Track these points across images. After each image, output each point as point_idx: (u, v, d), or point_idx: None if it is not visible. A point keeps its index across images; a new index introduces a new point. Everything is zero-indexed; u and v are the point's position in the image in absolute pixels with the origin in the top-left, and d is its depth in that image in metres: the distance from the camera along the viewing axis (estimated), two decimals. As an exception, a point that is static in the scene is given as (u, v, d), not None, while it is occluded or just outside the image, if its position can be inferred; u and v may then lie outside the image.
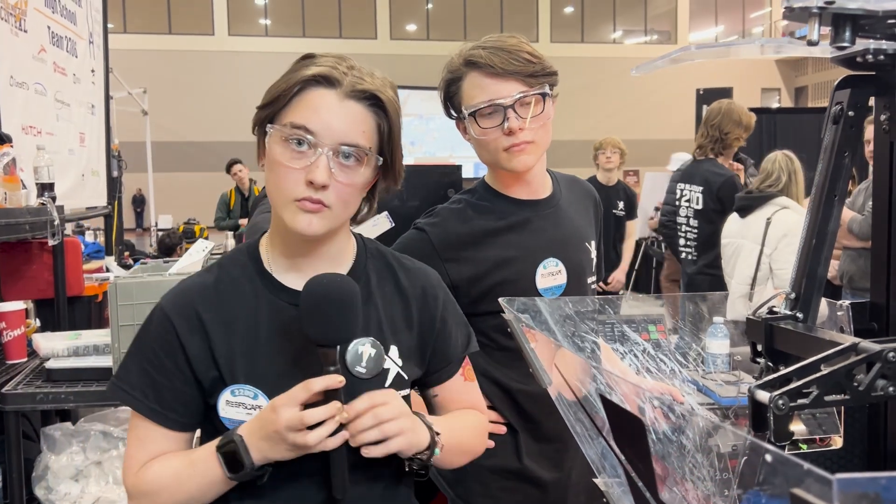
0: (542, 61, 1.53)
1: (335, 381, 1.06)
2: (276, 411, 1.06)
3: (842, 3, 0.67)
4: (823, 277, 0.93)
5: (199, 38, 20.31)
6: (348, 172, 1.12)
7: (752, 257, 3.72)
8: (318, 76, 1.12)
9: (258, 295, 1.18)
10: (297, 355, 1.14)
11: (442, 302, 1.30)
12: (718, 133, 4.18)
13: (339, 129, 1.11)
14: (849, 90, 0.92)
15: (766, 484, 0.47)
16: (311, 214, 1.11)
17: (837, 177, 0.92)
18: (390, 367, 1.21)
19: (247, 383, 1.14)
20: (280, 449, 1.07)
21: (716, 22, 23.92)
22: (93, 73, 4.52)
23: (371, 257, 1.28)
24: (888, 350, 0.72)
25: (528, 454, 1.61)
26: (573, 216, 1.69)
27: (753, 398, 0.73)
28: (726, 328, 2.47)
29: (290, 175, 1.11)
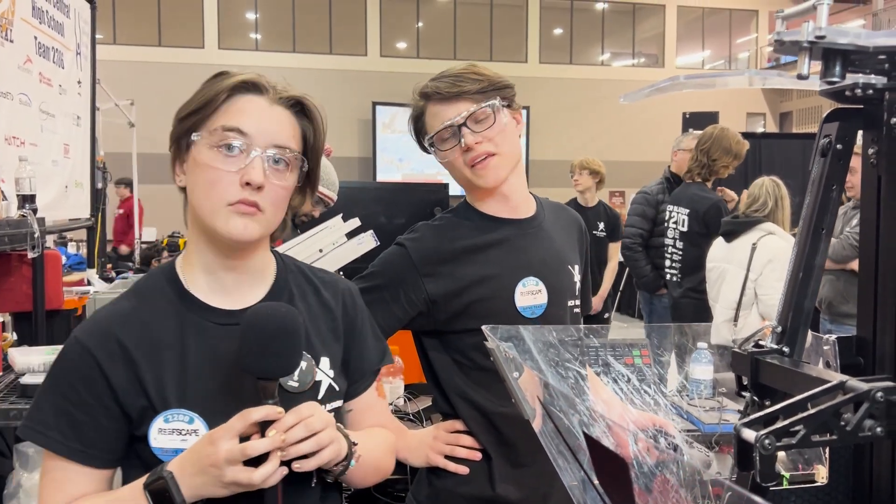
0: (490, 77, 1.57)
1: (275, 412, 1.03)
2: (213, 444, 1.02)
3: (832, 38, 0.66)
4: (810, 311, 0.92)
5: (188, 50, 20.26)
6: (280, 175, 1.13)
7: (736, 282, 3.73)
8: (245, 83, 1.13)
9: (181, 317, 1.16)
10: (228, 376, 1.12)
11: (360, 311, 1.31)
12: (706, 159, 4.20)
13: (270, 130, 1.12)
14: (837, 123, 0.92)
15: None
16: (247, 218, 1.10)
17: (825, 210, 0.92)
18: (322, 378, 1.20)
19: (181, 408, 1.11)
20: (215, 485, 1.03)
21: (703, 46, 24.17)
22: (79, 84, 4.50)
23: (290, 272, 1.27)
24: (876, 389, 0.71)
25: (502, 481, 1.60)
26: (556, 238, 1.70)
27: (739, 437, 0.71)
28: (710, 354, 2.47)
29: (223, 178, 1.10)
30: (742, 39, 24.53)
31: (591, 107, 21.18)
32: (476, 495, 1.60)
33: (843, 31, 0.66)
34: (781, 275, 4.12)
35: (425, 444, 1.63)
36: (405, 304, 1.58)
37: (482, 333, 1.55)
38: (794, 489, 0.98)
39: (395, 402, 2.36)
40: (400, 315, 1.59)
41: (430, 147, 1.60)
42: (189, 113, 1.14)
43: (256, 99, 1.14)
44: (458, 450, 1.61)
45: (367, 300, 1.59)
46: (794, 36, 0.67)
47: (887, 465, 0.90)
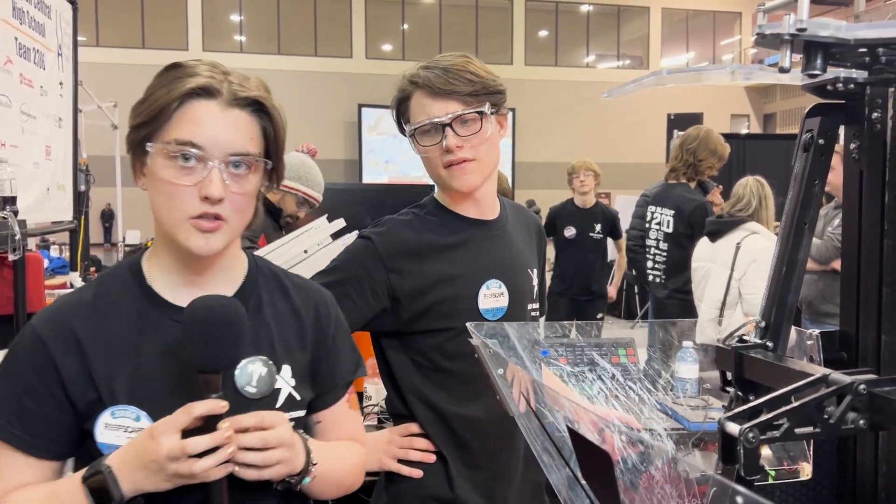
0: (485, 80, 1.53)
1: (218, 406, 1.01)
2: (155, 439, 1.00)
3: (813, 31, 0.66)
4: (793, 306, 0.92)
5: (173, 53, 20.15)
6: (241, 182, 1.09)
7: (721, 282, 3.74)
8: (197, 88, 1.07)
9: (141, 313, 1.13)
10: (182, 375, 1.08)
11: (335, 321, 1.28)
12: (693, 159, 4.22)
13: (226, 140, 1.08)
14: (819, 118, 0.92)
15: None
16: (208, 233, 1.08)
17: (808, 205, 0.92)
18: (282, 386, 1.17)
19: (129, 404, 1.08)
20: (157, 479, 1.01)
21: (687, 48, 24.31)
22: (61, 85, 4.45)
23: (262, 275, 1.24)
24: (858, 382, 0.71)
25: (460, 483, 1.58)
26: (518, 242, 1.69)
27: (723, 430, 0.71)
28: (696, 353, 2.47)
29: (181, 193, 1.06)
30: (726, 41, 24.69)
31: (576, 109, 21.26)
32: (435, 496, 1.58)
33: (824, 23, 0.66)
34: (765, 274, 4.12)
35: (378, 449, 1.60)
36: (370, 297, 1.54)
37: (443, 334, 1.55)
38: (779, 484, 0.98)
39: (381, 402, 2.35)
40: (364, 310, 1.55)
41: (409, 136, 1.56)
42: (142, 122, 1.09)
43: (209, 105, 1.08)
44: (412, 453, 1.59)
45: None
46: (776, 29, 0.67)
47: (870, 459, 0.90)
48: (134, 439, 1.04)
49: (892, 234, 0.88)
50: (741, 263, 3.65)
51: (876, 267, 0.89)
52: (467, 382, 1.55)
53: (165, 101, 1.07)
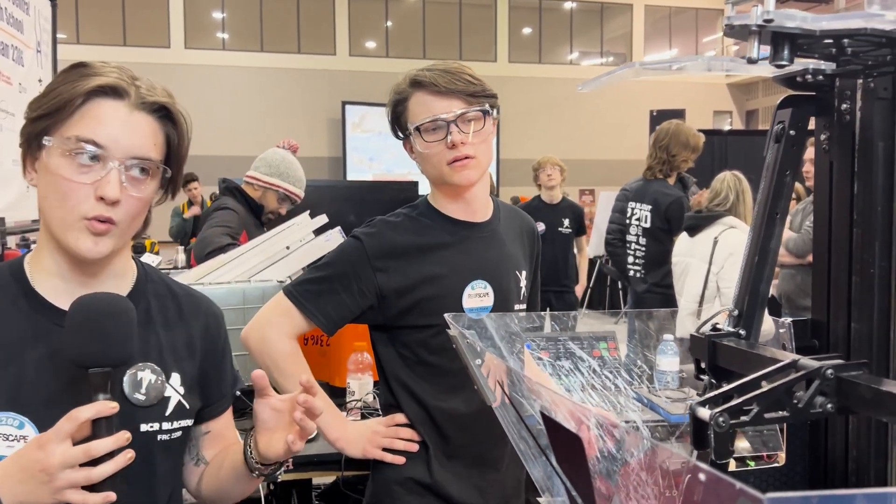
0: (483, 84, 1.62)
1: (107, 407, 0.95)
2: (43, 448, 0.94)
3: (780, 22, 0.67)
4: (766, 294, 0.94)
5: (154, 50, 20.02)
6: (139, 186, 1.07)
7: (699, 276, 3.78)
8: (104, 87, 1.05)
9: (23, 316, 1.09)
10: (69, 381, 1.04)
11: (223, 337, 1.27)
12: (666, 155, 4.25)
13: (129, 142, 1.05)
14: (790, 110, 0.94)
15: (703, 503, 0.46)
16: (98, 236, 1.05)
17: (779, 195, 0.93)
18: (171, 394, 1.15)
19: (11, 411, 1.03)
20: (43, 492, 0.94)
21: (670, 45, 24.42)
22: (40, 82, 4.42)
23: (151, 282, 1.22)
24: (826, 367, 0.73)
25: (440, 469, 1.64)
26: (507, 243, 1.74)
27: (695, 416, 0.72)
28: (676, 345, 2.49)
29: (77, 191, 1.03)
30: (708, 38, 24.82)
31: (560, 106, 21.29)
32: (415, 479, 1.64)
33: (790, 14, 0.68)
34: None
35: (364, 437, 1.66)
36: (357, 295, 1.60)
37: (428, 330, 1.60)
38: (753, 470, 1.00)
39: (364, 397, 2.35)
40: (351, 307, 1.61)
41: (410, 134, 1.61)
42: (42, 115, 1.05)
43: (116, 105, 1.05)
44: (397, 442, 1.65)
45: (319, 290, 1.62)
46: (744, 20, 0.68)
47: (841, 444, 0.92)
48: (18, 451, 0.99)
49: (861, 223, 0.89)
50: (719, 257, 3.69)
51: (846, 256, 0.91)
52: (449, 376, 1.61)
53: (69, 96, 1.04)
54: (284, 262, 2.58)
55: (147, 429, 1.11)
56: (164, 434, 1.14)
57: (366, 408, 2.31)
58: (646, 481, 0.89)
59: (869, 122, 0.87)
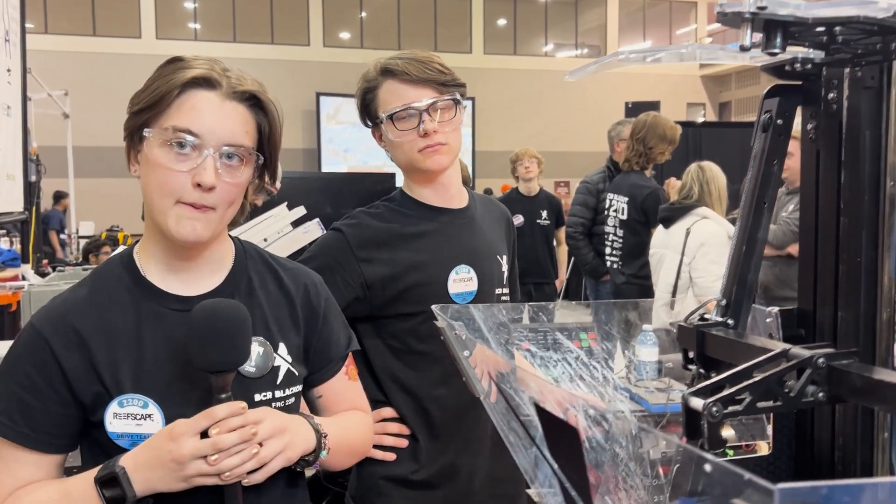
0: (453, 73, 1.63)
1: (239, 407, 1.05)
2: (175, 440, 1.04)
3: (773, 10, 0.67)
4: (753, 284, 0.94)
5: (125, 41, 19.73)
6: (233, 172, 1.12)
7: (673, 266, 3.83)
8: (198, 78, 1.11)
9: (138, 304, 1.16)
10: (184, 362, 1.12)
11: (325, 300, 1.32)
12: (643, 147, 4.27)
13: (222, 130, 1.12)
14: (777, 99, 0.93)
15: (704, 494, 0.46)
16: (196, 221, 1.11)
17: (767, 184, 0.94)
18: (280, 364, 1.21)
19: (135, 392, 1.11)
20: (173, 479, 1.04)
21: (644, 37, 24.54)
22: (9, 72, 4.34)
23: (251, 259, 1.28)
24: (818, 356, 0.73)
25: (427, 462, 1.64)
26: (486, 230, 1.76)
27: (687, 405, 0.72)
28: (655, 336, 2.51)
29: (175, 178, 1.10)
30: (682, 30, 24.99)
31: (535, 98, 21.33)
32: (403, 477, 1.64)
33: (783, 2, 0.67)
34: (714, 257, 4.20)
35: None
36: (342, 287, 1.60)
37: (416, 318, 1.61)
38: (739, 460, 1.00)
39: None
40: (337, 298, 1.60)
41: (381, 122, 1.62)
42: (141, 108, 1.12)
43: (209, 95, 1.12)
44: (386, 438, 1.65)
45: None
46: (737, 7, 0.67)
47: (828, 432, 0.92)
48: (149, 440, 1.08)
49: (848, 212, 0.90)
50: (690, 248, 3.73)
51: (833, 244, 0.91)
52: (439, 364, 1.62)
53: (166, 89, 1.10)
54: (262, 255, 2.56)
55: (261, 398, 1.18)
56: (277, 402, 1.20)
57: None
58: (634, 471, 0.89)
59: (856, 111, 0.87)
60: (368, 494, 1.66)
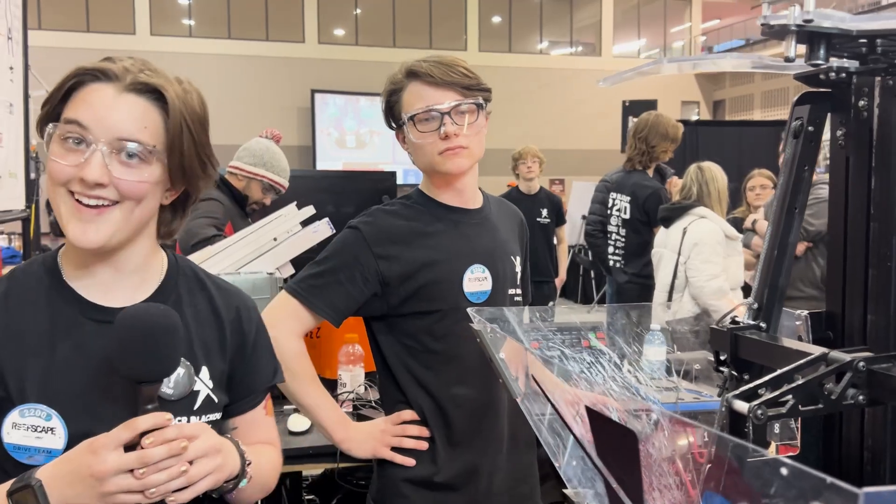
0: (478, 77, 1.64)
1: (163, 419, 0.98)
2: (96, 454, 0.96)
3: (818, 22, 0.68)
4: (785, 288, 0.95)
5: (119, 37, 19.65)
6: (131, 171, 1.04)
7: (670, 266, 3.86)
8: (94, 70, 1.05)
9: (54, 308, 1.09)
10: (95, 373, 1.06)
11: (255, 327, 1.25)
12: (645, 146, 4.29)
13: (114, 123, 1.03)
14: (808, 106, 0.95)
15: (776, 497, 0.47)
16: (86, 223, 1.03)
17: (798, 190, 0.95)
18: (200, 388, 1.15)
19: (39, 402, 1.04)
20: (91, 495, 0.96)
21: (638, 35, 24.58)
22: (11, 70, 4.32)
23: (183, 275, 1.21)
24: (858, 360, 0.75)
25: (446, 463, 1.65)
26: (500, 230, 1.77)
27: (731, 408, 0.74)
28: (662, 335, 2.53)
29: (64, 174, 1.02)
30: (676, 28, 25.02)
31: (530, 95, 21.34)
32: (422, 477, 1.64)
33: (827, 14, 0.69)
34: (707, 257, 4.21)
35: (373, 437, 1.66)
36: (361, 284, 1.61)
37: (431, 316, 1.63)
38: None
39: (356, 389, 2.35)
40: (356, 296, 1.62)
41: (403, 123, 1.62)
42: (43, 104, 1.07)
43: (103, 87, 1.05)
44: (406, 441, 1.65)
45: (323, 283, 1.61)
46: (782, 20, 0.69)
47: (856, 433, 0.94)
48: (68, 453, 1.00)
49: (878, 217, 0.91)
50: (686, 247, 3.76)
51: (862, 249, 0.93)
52: (454, 362, 1.63)
53: (62, 82, 1.05)
54: (272, 254, 2.56)
55: (178, 422, 1.09)
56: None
57: (358, 399, 2.31)
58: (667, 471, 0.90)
59: (887, 118, 0.89)
60: (390, 496, 1.66)
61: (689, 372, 2.37)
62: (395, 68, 1.67)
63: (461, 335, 1.59)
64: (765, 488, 0.49)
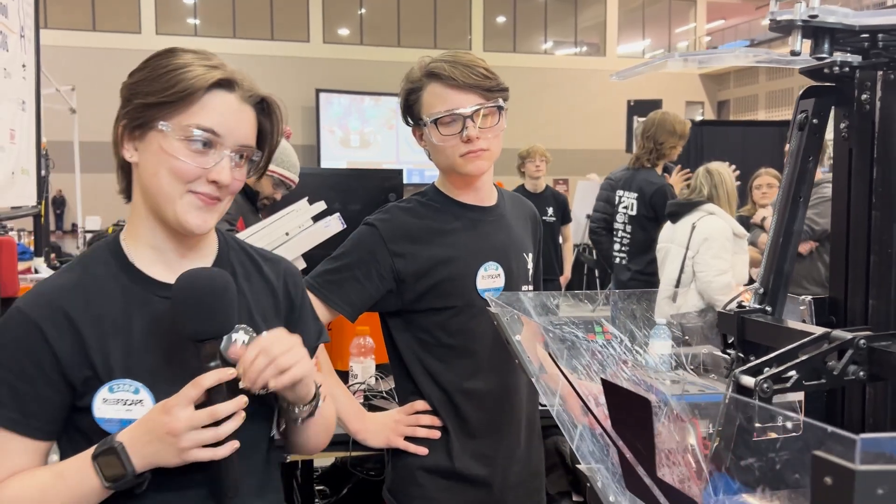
0: (497, 78, 1.65)
1: (227, 374, 1.07)
2: (169, 413, 1.04)
3: (823, 18, 0.73)
4: (790, 273, 1.00)
5: (125, 36, 19.74)
6: (240, 171, 1.17)
7: (677, 260, 3.89)
8: (222, 81, 1.14)
9: (125, 290, 1.17)
10: (172, 347, 1.14)
11: (301, 291, 1.35)
12: (653, 144, 4.34)
13: (239, 131, 1.15)
14: (812, 100, 0.99)
15: (783, 450, 0.51)
16: (206, 213, 1.14)
17: (803, 180, 0.99)
18: None
19: (126, 377, 1.12)
20: (170, 453, 1.05)
21: (643, 35, 24.60)
22: (24, 68, 4.37)
23: (232, 249, 1.30)
24: (859, 338, 0.79)
25: (461, 453, 1.68)
26: (514, 227, 1.80)
27: (738, 383, 0.78)
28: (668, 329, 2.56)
29: (190, 171, 1.12)
30: (681, 29, 25.01)
31: (535, 95, 21.37)
32: (436, 467, 1.68)
33: (831, 10, 0.73)
34: (716, 252, 4.23)
35: (387, 427, 1.70)
36: (377, 280, 1.64)
37: (445, 312, 1.66)
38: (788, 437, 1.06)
39: (367, 380, 2.39)
40: (372, 292, 1.65)
41: (424, 124, 1.63)
42: (158, 103, 1.12)
43: (229, 97, 1.15)
44: (419, 430, 1.69)
45: (339, 278, 1.65)
46: (788, 15, 0.73)
47: (858, 412, 0.98)
48: (144, 416, 1.08)
49: (879, 205, 0.95)
50: (694, 242, 3.80)
51: (864, 236, 0.97)
52: (468, 357, 1.66)
53: (191, 89, 1.11)
54: (284, 248, 2.60)
55: (244, 385, 1.17)
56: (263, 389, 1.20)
57: (369, 390, 2.35)
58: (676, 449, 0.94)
59: (889, 111, 0.93)
60: (405, 485, 1.69)
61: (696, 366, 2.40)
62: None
63: (475, 330, 1.64)
64: (772, 441, 0.53)
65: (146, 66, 1.17)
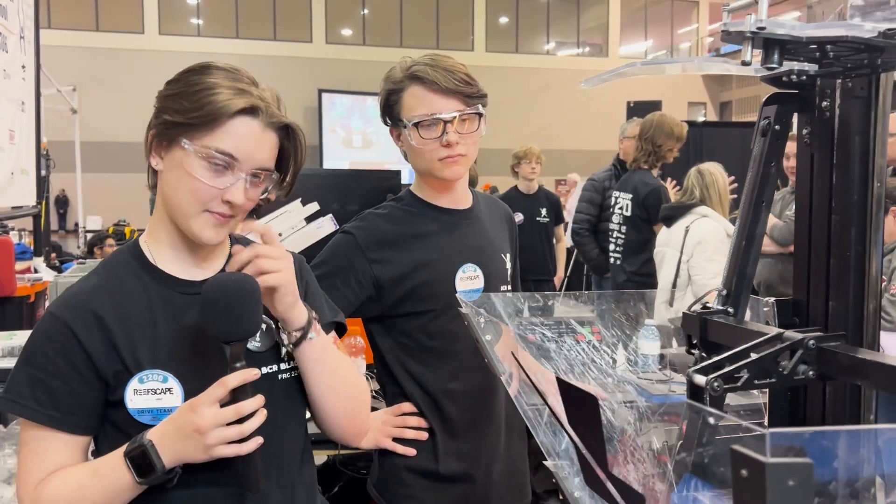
0: (477, 84, 1.66)
1: (251, 374, 1.12)
2: (195, 411, 1.10)
3: (771, 29, 0.75)
4: (752, 276, 1.02)
5: (128, 36, 19.80)
6: (255, 191, 1.22)
7: (672, 264, 3.91)
8: (248, 108, 1.18)
9: (148, 288, 1.24)
10: (195, 340, 1.21)
11: (308, 275, 1.41)
12: (651, 146, 4.35)
13: (258, 156, 1.20)
14: (775, 106, 1.02)
15: (708, 444, 0.54)
16: (219, 228, 1.20)
17: (765, 184, 1.02)
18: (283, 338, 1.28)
19: (154, 368, 1.19)
20: (197, 450, 1.11)
21: (645, 36, 24.62)
22: (23, 68, 4.41)
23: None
24: (809, 339, 0.81)
25: (445, 454, 1.70)
26: (490, 229, 1.82)
27: (691, 382, 0.80)
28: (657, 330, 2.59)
29: (205, 191, 1.18)
30: (683, 30, 25.02)
31: (537, 96, 21.40)
32: (422, 468, 1.71)
33: (780, 22, 0.76)
34: (711, 255, 4.24)
35: (374, 429, 1.71)
36: (356, 287, 1.66)
37: (425, 315, 1.69)
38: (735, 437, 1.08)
39: (357, 380, 2.42)
40: (352, 299, 1.67)
41: (404, 126, 1.64)
42: (185, 123, 1.18)
43: (252, 123, 1.19)
44: (406, 431, 1.71)
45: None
46: (739, 27, 0.76)
47: (818, 410, 1.01)
48: (172, 414, 1.15)
49: (839, 210, 0.98)
50: (689, 246, 3.81)
51: (825, 240, 1.00)
52: (449, 359, 1.69)
53: (217, 114, 1.16)
54: (277, 249, 2.63)
55: (267, 371, 1.25)
56: (283, 374, 1.28)
57: (359, 390, 2.38)
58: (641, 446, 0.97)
59: (847, 118, 0.95)
60: (391, 484, 1.72)
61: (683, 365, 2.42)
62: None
63: (456, 332, 1.66)
64: (699, 438, 0.56)
65: (180, 80, 1.22)
